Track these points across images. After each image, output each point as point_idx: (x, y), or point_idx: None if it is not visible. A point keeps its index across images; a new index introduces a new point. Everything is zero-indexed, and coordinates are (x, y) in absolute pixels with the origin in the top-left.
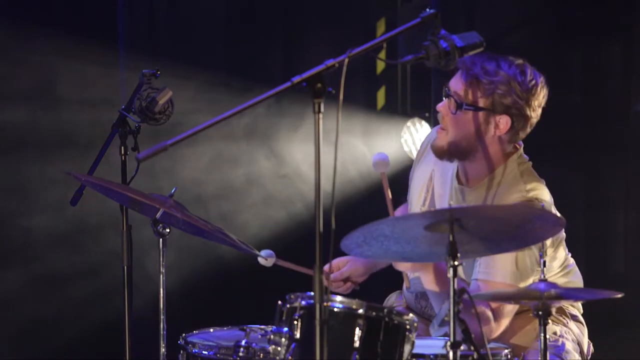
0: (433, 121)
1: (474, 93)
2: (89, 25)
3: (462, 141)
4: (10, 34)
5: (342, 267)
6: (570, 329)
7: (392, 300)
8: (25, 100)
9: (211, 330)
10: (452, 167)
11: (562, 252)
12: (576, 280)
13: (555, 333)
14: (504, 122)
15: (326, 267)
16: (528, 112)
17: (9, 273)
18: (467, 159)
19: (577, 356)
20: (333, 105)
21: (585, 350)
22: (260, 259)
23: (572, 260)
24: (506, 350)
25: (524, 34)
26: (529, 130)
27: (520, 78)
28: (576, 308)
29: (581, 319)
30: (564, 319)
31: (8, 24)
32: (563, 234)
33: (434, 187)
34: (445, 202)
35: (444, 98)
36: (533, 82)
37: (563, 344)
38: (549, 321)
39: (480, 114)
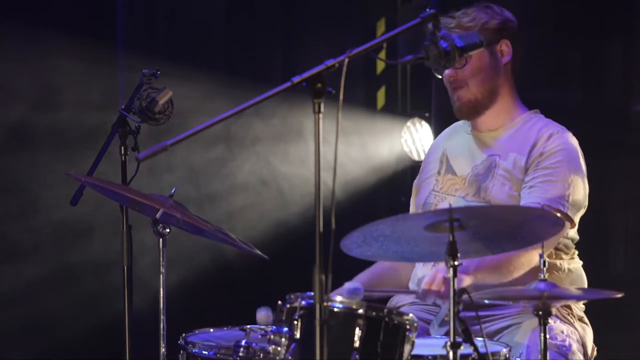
0: (433, 121)
1: None
2: (89, 25)
3: (485, 82)
4: (10, 34)
5: None
6: (576, 328)
7: (398, 299)
8: (25, 100)
9: (211, 330)
10: (463, 133)
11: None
12: (580, 281)
13: (562, 332)
14: (505, 45)
15: None
16: (512, 26)
17: (8, 273)
18: (492, 104)
19: (581, 357)
20: (333, 105)
21: (589, 352)
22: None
23: (578, 263)
24: (505, 349)
25: (524, 34)
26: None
27: (488, 8)
28: (579, 308)
29: (586, 319)
30: (571, 318)
31: (8, 24)
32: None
33: (448, 158)
34: (465, 161)
35: (443, 74)
36: (498, 8)
37: (570, 345)
38: (557, 319)
39: (484, 50)
